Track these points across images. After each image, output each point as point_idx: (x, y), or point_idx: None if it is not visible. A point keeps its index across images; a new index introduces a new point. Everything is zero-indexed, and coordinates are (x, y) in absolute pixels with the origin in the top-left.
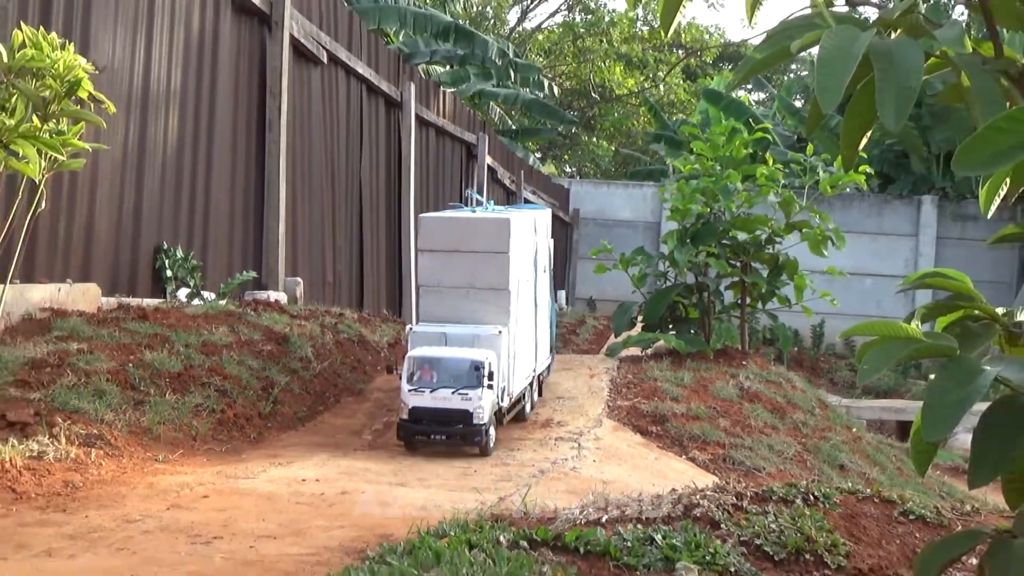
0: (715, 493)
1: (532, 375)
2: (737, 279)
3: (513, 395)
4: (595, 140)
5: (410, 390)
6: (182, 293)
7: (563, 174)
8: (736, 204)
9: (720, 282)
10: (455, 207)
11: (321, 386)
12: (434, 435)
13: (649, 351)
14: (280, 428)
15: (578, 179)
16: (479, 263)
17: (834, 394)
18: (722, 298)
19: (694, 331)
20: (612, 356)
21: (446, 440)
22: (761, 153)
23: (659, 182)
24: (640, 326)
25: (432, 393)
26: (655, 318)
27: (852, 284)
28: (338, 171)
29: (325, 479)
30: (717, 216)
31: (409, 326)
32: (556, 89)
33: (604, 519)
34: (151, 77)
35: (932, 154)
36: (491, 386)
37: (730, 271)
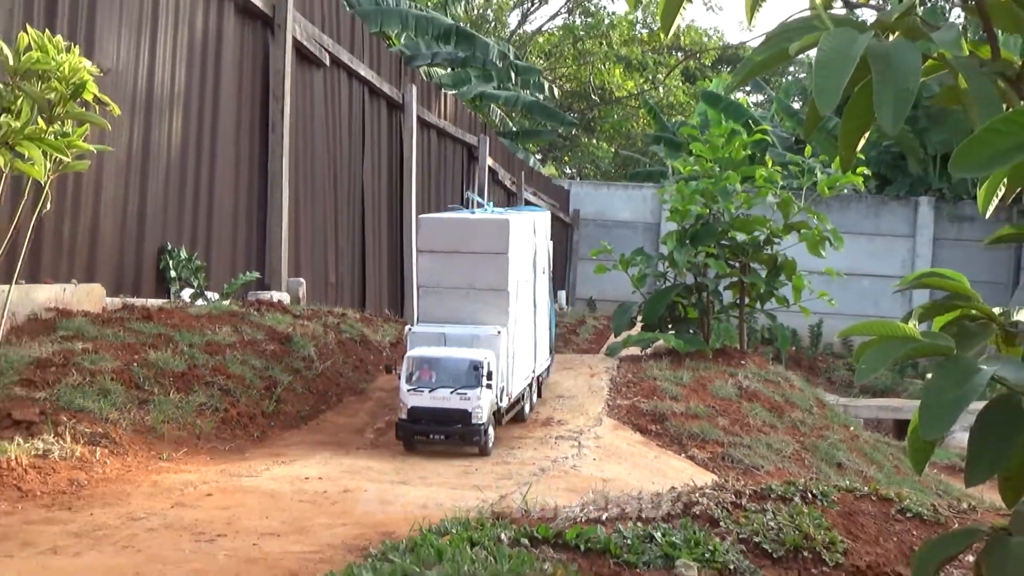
0: (714, 491)
1: (531, 376)
2: (736, 279)
3: (512, 395)
4: (595, 142)
5: (409, 390)
6: (186, 293)
7: (563, 176)
8: (735, 205)
9: (719, 282)
10: (455, 209)
11: (324, 385)
12: (433, 435)
13: (649, 351)
14: (283, 427)
15: (578, 180)
16: (478, 264)
17: (832, 393)
18: (721, 298)
19: (693, 331)
20: (612, 355)
21: (445, 440)
22: (760, 155)
23: (659, 183)
24: (640, 326)
25: (431, 393)
26: (654, 318)
27: (850, 284)
28: (340, 172)
29: (328, 477)
30: (716, 217)
31: (408, 326)
32: (556, 91)
33: (604, 517)
34: (155, 79)
35: (929, 156)
36: (490, 386)
37: (729, 271)
